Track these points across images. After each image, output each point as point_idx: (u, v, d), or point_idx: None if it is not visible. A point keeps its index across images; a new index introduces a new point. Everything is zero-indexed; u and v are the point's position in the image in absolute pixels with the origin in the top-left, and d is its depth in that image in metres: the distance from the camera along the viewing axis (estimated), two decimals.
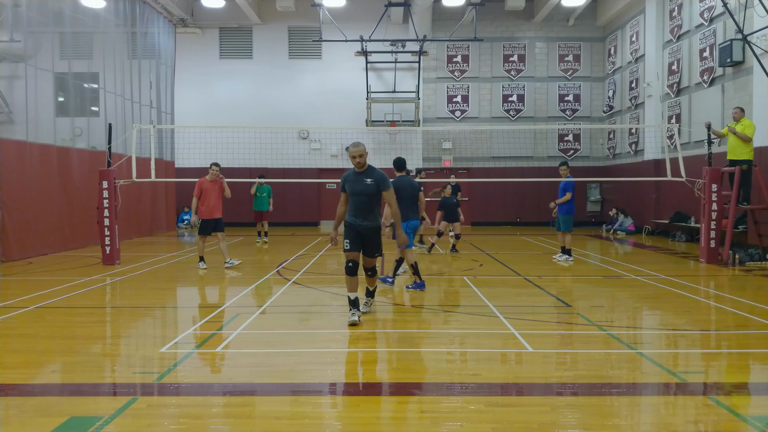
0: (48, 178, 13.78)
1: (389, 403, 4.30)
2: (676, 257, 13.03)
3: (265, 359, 5.45)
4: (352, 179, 6.78)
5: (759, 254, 11.66)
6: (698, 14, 16.25)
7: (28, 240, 12.90)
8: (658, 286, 9.10)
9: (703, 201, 11.97)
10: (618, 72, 21.81)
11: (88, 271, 10.98)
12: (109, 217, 11.81)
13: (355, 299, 6.74)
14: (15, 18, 13.99)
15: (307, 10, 21.82)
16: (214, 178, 11.33)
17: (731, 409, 4.11)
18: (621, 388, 4.54)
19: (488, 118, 23.24)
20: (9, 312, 7.31)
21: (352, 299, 6.72)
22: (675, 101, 17.69)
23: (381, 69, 22.94)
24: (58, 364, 5.34)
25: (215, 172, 11.39)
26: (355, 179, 6.76)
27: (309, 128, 21.85)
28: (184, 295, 9.48)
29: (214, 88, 23.07)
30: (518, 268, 11.18)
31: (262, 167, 20.76)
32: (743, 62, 14.13)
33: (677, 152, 13.46)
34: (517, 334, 6.15)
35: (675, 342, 6.10)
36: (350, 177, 6.79)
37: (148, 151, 14.45)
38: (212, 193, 11.26)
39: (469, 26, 21.81)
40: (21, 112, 13.67)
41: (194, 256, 13.62)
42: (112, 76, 16.94)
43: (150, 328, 6.99)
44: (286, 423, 3.93)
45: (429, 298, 8.50)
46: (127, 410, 4.10)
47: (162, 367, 5.15)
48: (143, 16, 18.88)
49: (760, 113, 12.98)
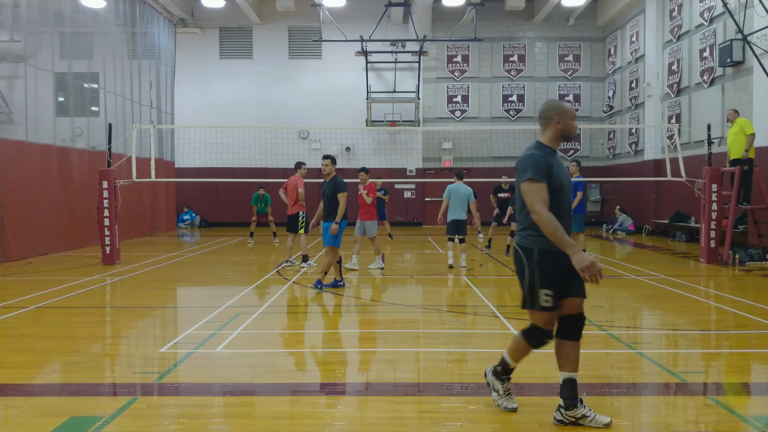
0: (48, 178, 13.77)
1: (389, 403, 4.30)
2: (676, 257, 13.03)
3: (265, 359, 5.45)
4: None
5: (759, 254, 11.66)
6: (698, 14, 16.25)
7: (28, 240, 12.90)
8: (658, 286, 9.10)
9: (703, 201, 11.96)
10: (618, 72, 21.81)
11: (88, 271, 10.98)
12: (109, 217, 11.81)
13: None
14: (15, 18, 13.98)
15: (307, 10, 21.82)
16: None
17: (731, 409, 4.11)
18: (621, 388, 4.54)
19: (488, 118, 23.24)
20: (9, 312, 7.31)
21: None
22: (675, 101, 17.69)
23: (381, 69, 22.94)
24: (58, 364, 5.33)
25: (304, 172, 11.49)
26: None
27: (309, 128, 21.85)
28: (184, 295, 9.48)
29: (214, 88, 23.08)
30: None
31: (262, 167, 20.78)
32: (743, 62, 14.13)
33: (677, 152, 13.47)
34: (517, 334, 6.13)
35: (675, 342, 6.10)
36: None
37: (148, 151, 14.45)
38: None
39: (469, 26, 21.81)
40: (21, 112, 13.65)
41: (194, 257, 13.63)
42: (112, 76, 16.93)
43: (150, 328, 6.99)
44: (286, 423, 3.93)
45: (429, 298, 8.51)
46: (127, 410, 4.10)
47: (162, 367, 5.15)
48: (143, 16, 18.88)
49: (760, 113, 12.98)
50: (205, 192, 22.37)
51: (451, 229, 10.93)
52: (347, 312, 7.68)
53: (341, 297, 8.47)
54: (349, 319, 7.29)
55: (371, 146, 22.81)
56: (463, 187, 10.98)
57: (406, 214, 22.96)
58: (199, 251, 14.72)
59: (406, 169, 22.68)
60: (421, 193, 23.20)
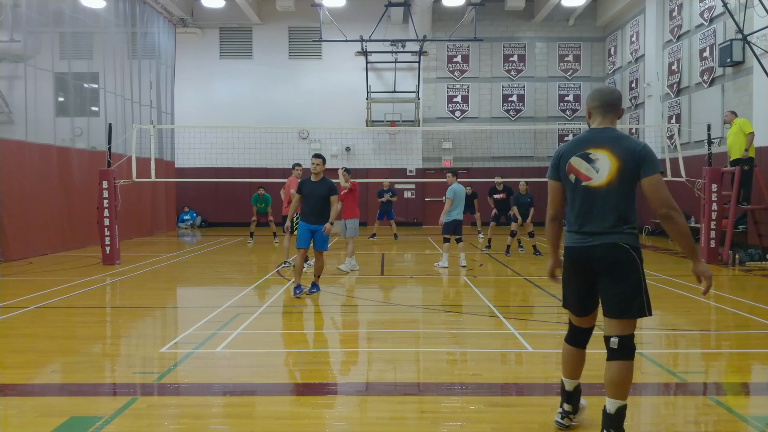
0: (48, 178, 13.77)
1: (389, 403, 4.30)
2: (676, 257, 13.03)
3: (265, 359, 5.45)
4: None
5: (759, 254, 11.66)
6: (698, 14, 16.25)
7: (28, 240, 12.90)
8: (658, 286, 9.09)
9: (703, 201, 11.97)
10: (618, 72, 21.81)
11: (88, 271, 10.97)
12: (109, 217, 11.81)
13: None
14: (15, 18, 13.98)
15: (307, 10, 21.81)
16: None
17: (731, 409, 4.11)
18: None
19: (488, 118, 23.23)
20: (9, 312, 7.30)
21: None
22: (675, 101, 17.69)
23: (381, 69, 22.94)
24: (58, 364, 5.34)
25: (299, 173, 11.46)
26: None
27: (309, 128, 21.85)
28: (184, 295, 9.48)
29: (214, 88, 23.07)
30: (518, 268, 11.17)
31: (262, 167, 20.77)
32: (743, 62, 14.13)
33: (677, 152, 13.47)
34: (517, 334, 6.15)
35: (675, 342, 6.10)
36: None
37: (148, 151, 14.45)
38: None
39: (469, 26, 21.80)
40: (21, 112, 13.65)
41: (194, 257, 13.62)
42: (112, 76, 16.92)
43: (150, 328, 6.99)
44: (286, 423, 3.93)
45: (429, 298, 8.50)
46: (127, 410, 4.10)
47: (162, 367, 5.15)
48: (143, 16, 18.87)
49: (760, 113, 12.98)
50: (205, 192, 22.36)
51: (452, 229, 10.93)
52: (347, 312, 7.68)
53: (341, 297, 8.48)
54: (349, 319, 7.29)
55: (371, 146, 22.81)
56: (462, 188, 11.05)
57: (406, 214, 22.94)
58: (199, 251, 14.72)
59: (406, 169, 22.68)
60: (421, 193, 23.20)
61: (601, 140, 3.45)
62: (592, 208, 3.44)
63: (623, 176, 3.37)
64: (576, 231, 3.53)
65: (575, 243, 3.52)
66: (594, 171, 3.43)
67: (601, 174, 3.41)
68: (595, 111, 3.57)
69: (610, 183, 3.39)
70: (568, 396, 3.78)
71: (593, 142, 3.47)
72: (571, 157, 3.53)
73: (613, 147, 3.40)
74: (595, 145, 3.45)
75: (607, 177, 3.39)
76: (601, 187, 3.41)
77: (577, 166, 3.49)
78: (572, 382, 3.79)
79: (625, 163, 3.36)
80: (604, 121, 3.54)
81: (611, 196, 3.40)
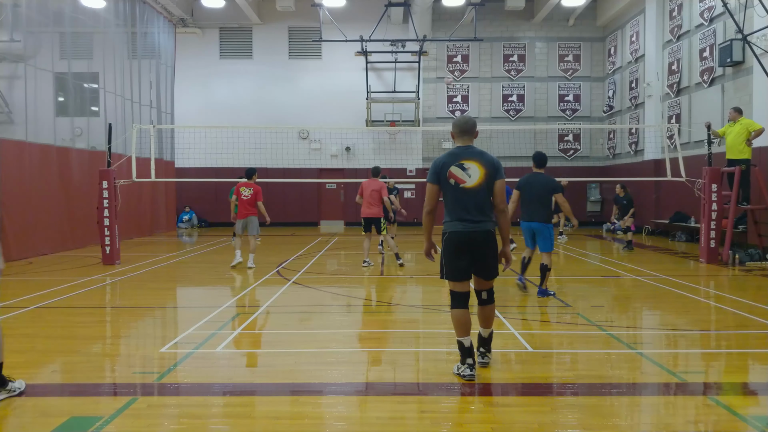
0: (48, 178, 13.78)
1: (389, 403, 4.30)
2: (676, 257, 13.03)
3: (265, 359, 5.45)
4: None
5: (759, 254, 11.66)
6: (698, 14, 16.24)
7: (28, 240, 12.90)
8: (658, 286, 9.10)
9: (703, 201, 11.96)
10: (618, 72, 21.81)
11: (88, 271, 10.97)
12: (109, 217, 11.81)
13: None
14: (15, 18, 13.99)
15: (307, 10, 21.82)
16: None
17: (731, 409, 4.11)
18: (621, 388, 4.54)
19: (488, 118, 23.23)
20: (9, 312, 7.30)
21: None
22: (675, 101, 17.69)
23: (381, 69, 22.94)
24: (58, 364, 5.34)
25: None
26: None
27: (309, 128, 21.86)
28: (184, 295, 9.48)
29: (214, 88, 23.07)
30: (518, 268, 11.16)
31: (262, 167, 20.75)
32: (743, 62, 14.13)
33: (677, 152, 13.47)
34: (517, 334, 6.15)
35: (675, 342, 6.10)
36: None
37: (148, 151, 14.46)
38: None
39: (469, 26, 21.81)
40: (21, 112, 13.66)
41: (194, 256, 13.63)
42: (112, 76, 16.93)
43: (150, 328, 6.99)
44: (286, 423, 3.93)
45: (429, 298, 8.50)
46: (127, 410, 4.10)
47: (162, 367, 5.15)
48: (143, 16, 18.88)
49: (760, 113, 12.97)
50: (205, 192, 22.35)
51: None
52: (347, 312, 7.68)
53: (341, 297, 8.48)
54: (349, 319, 7.29)
55: (371, 146, 22.81)
56: None
57: (406, 214, 22.91)
58: (199, 251, 14.72)
59: (406, 168, 22.69)
60: (421, 193, 23.19)
61: (470, 155, 4.71)
62: (467, 203, 4.67)
63: (487, 180, 4.66)
64: (458, 220, 4.70)
65: (459, 229, 4.69)
66: (467, 176, 4.66)
67: (473, 178, 4.66)
68: (457, 134, 4.83)
69: (480, 185, 4.66)
70: (469, 351, 4.70)
71: (464, 155, 4.71)
72: (450, 166, 4.68)
73: (480, 159, 4.69)
74: (467, 157, 4.70)
75: (477, 180, 4.66)
76: (473, 188, 4.66)
77: (456, 173, 4.68)
78: (468, 339, 4.72)
79: (488, 170, 4.66)
80: (465, 141, 4.79)
81: (480, 194, 4.68)
